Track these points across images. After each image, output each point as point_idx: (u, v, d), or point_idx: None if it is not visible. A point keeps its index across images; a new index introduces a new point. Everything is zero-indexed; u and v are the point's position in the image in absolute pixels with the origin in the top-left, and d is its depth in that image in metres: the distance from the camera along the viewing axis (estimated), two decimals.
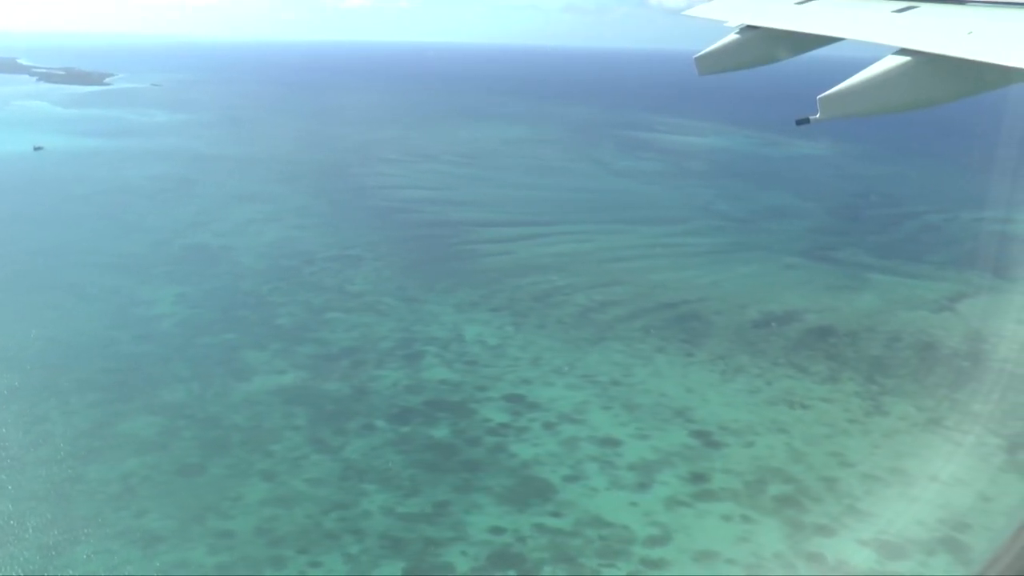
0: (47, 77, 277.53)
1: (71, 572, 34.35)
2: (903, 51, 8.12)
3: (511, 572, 34.17)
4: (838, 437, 45.32)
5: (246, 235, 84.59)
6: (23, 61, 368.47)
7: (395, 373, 52.76)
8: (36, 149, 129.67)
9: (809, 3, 11.07)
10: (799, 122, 8.67)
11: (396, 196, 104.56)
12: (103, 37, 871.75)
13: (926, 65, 7.89)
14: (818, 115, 8.20)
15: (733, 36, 11.55)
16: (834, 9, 10.68)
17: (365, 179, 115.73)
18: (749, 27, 11.36)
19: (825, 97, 8.12)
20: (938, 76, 7.89)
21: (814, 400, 49.65)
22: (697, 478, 40.75)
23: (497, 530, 36.84)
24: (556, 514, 37.85)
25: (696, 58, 11.70)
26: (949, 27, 8.22)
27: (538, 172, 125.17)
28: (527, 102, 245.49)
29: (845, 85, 8.15)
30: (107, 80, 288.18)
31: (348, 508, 38.79)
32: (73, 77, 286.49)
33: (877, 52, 8.39)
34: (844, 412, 48.31)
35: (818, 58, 11.67)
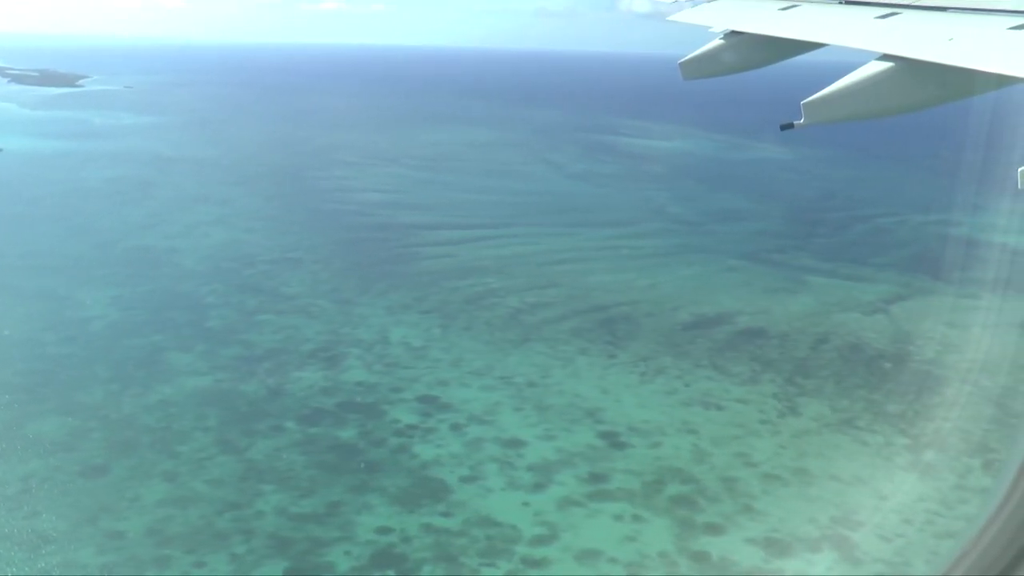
0: (20, 78, 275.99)
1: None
2: (885, 57, 8.23)
3: (390, 572, 34.16)
4: (747, 438, 45.48)
5: (193, 237, 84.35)
6: None
7: (314, 375, 52.68)
8: None
9: (793, 9, 11.22)
10: (783, 127, 8.79)
11: (349, 199, 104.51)
12: (80, 38, 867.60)
13: (908, 71, 8.00)
14: (802, 120, 8.33)
15: (718, 41, 11.66)
16: (818, 15, 10.85)
17: (321, 182, 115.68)
18: (734, 32, 11.45)
19: (809, 102, 8.25)
20: (920, 81, 8.01)
21: (729, 401, 49.83)
22: (596, 478, 40.82)
23: (384, 530, 36.81)
24: (446, 514, 37.85)
25: (680, 63, 11.81)
26: (930, 33, 8.37)
27: (495, 175, 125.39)
28: (496, 105, 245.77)
29: (829, 90, 8.25)
30: (80, 82, 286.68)
31: (242, 508, 38.68)
32: (47, 79, 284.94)
33: (861, 58, 8.53)
34: (758, 413, 48.50)
35: (802, 63, 11.88)
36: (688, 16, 12.99)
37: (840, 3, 10.73)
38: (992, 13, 8.26)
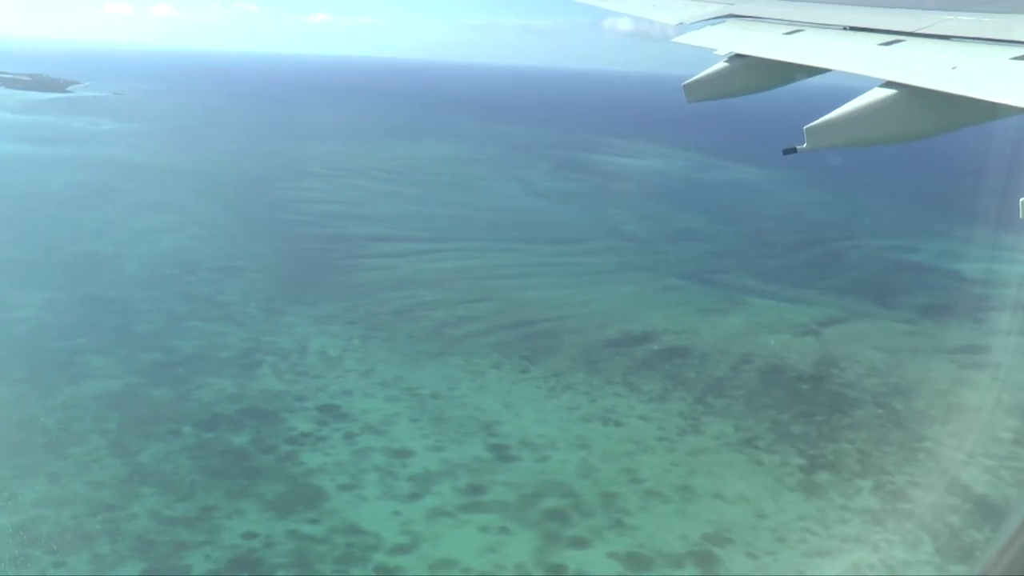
0: (11, 83, 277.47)
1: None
2: (889, 84, 8.24)
3: (243, 575, 34.17)
4: (639, 455, 45.52)
5: (141, 244, 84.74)
6: None
7: (224, 381, 52.85)
8: None
9: (797, 34, 11.21)
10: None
11: (307, 210, 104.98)
12: (75, 44, 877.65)
13: (911, 98, 8.01)
14: (805, 145, 8.28)
15: (722, 64, 11.65)
16: (822, 40, 10.82)
17: (284, 192, 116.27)
18: (738, 55, 11.46)
19: (812, 127, 8.21)
20: (922, 109, 8.01)
21: (631, 418, 49.90)
22: (474, 490, 40.89)
23: (250, 535, 36.89)
24: (315, 521, 37.93)
25: (684, 85, 11.79)
26: (934, 61, 8.38)
27: (458, 190, 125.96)
28: (476, 120, 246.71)
29: (832, 116, 8.25)
30: (70, 87, 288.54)
31: (116, 510, 38.78)
32: (38, 83, 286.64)
33: (865, 84, 8.54)
34: (658, 430, 48.56)
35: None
36: (692, 38, 12.96)
37: (844, 29, 10.78)
38: (995, 43, 8.27)
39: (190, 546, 36.16)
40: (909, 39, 9.37)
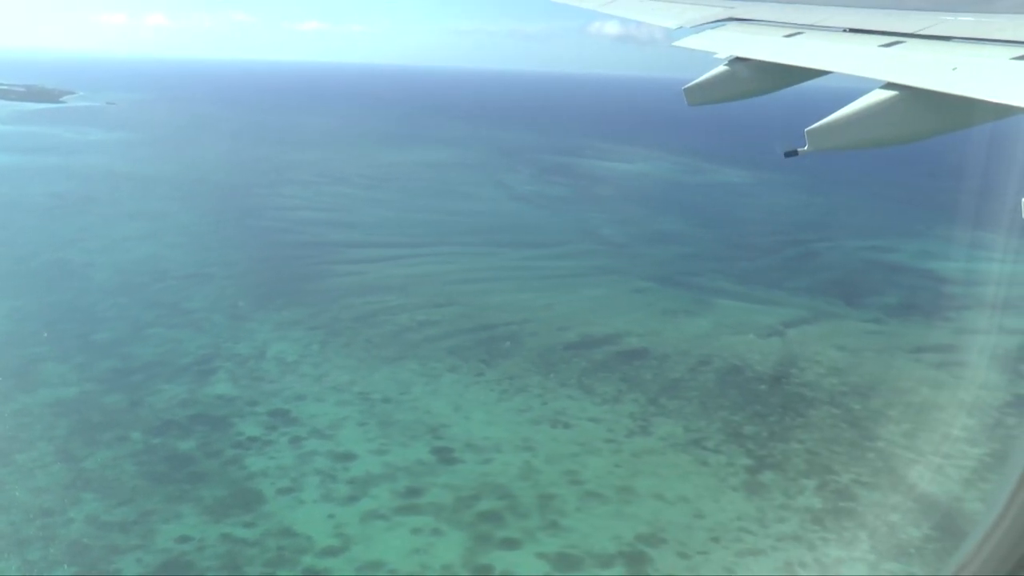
0: (5, 93, 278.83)
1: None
2: (889, 85, 8.28)
3: None
4: (584, 456, 45.59)
5: (115, 252, 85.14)
6: None
7: (179, 387, 53.07)
8: None
9: (798, 36, 11.27)
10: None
11: (285, 217, 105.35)
12: (73, 54, 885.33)
13: (911, 100, 8.06)
14: (806, 147, 8.35)
15: (722, 68, 11.72)
16: (823, 42, 10.89)
17: (264, 199, 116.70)
18: (738, 59, 11.51)
19: (813, 130, 8.27)
20: (923, 111, 8.06)
21: (581, 420, 49.97)
22: (412, 492, 41.02)
23: (184, 539, 37.04)
24: (250, 524, 38.08)
25: (685, 89, 11.85)
26: (934, 62, 8.41)
27: (439, 195, 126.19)
28: (466, 125, 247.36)
29: (833, 118, 8.29)
30: (64, 98, 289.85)
31: (54, 516, 38.97)
32: (32, 94, 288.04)
33: (866, 85, 8.60)
34: (606, 432, 48.62)
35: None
36: (693, 42, 13.05)
37: (845, 31, 10.82)
38: (995, 43, 8.31)
39: (123, 550, 36.31)
40: (909, 40, 9.39)
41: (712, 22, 13.36)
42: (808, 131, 8.26)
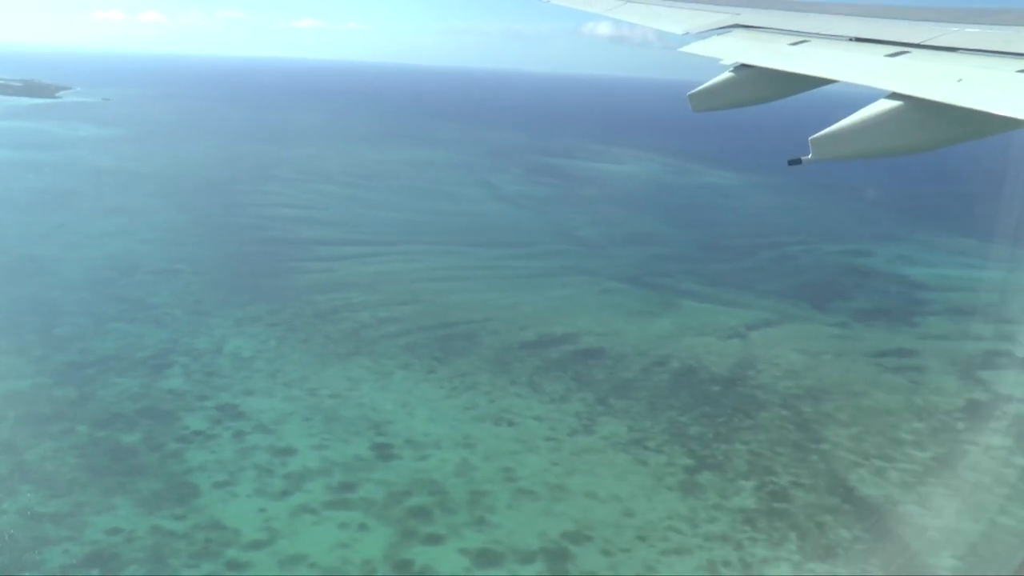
0: (2, 88, 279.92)
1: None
2: (895, 95, 8.29)
3: (95, 571, 34.68)
4: (523, 454, 45.89)
5: (87, 248, 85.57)
6: None
7: (131, 381, 53.44)
8: None
9: (803, 44, 11.31)
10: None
11: (263, 214, 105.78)
12: (71, 50, 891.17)
13: (916, 110, 8.07)
14: (810, 156, 8.38)
15: (728, 74, 11.77)
16: (828, 51, 10.90)
17: (245, 196, 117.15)
18: (744, 66, 11.55)
19: (817, 138, 8.31)
20: (928, 121, 8.06)
21: (526, 418, 50.27)
22: (345, 488, 41.36)
23: (114, 531, 37.39)
24: (180, 517, 38.43)
25: (690, 95, 11.91)
26: (940, 73, 8.43)
27: (421, 195, 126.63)
28: (458, 125, 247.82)
29: (837, 127, 8.33)
30: (60, 93, 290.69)
31: None
32: (29, 89, 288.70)
33: (871, 95, 8.63)
34: (549, 431, 48.91)
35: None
36: (699, 48, 13.04)
37: (851, 40, 10.82)
38: (1001, 55, 8.31)
39: (52, 542, 36.66)
40: (915, 51, 9.38)
41: (718, 29, 13.43)
42: (812, 140, 8.32)
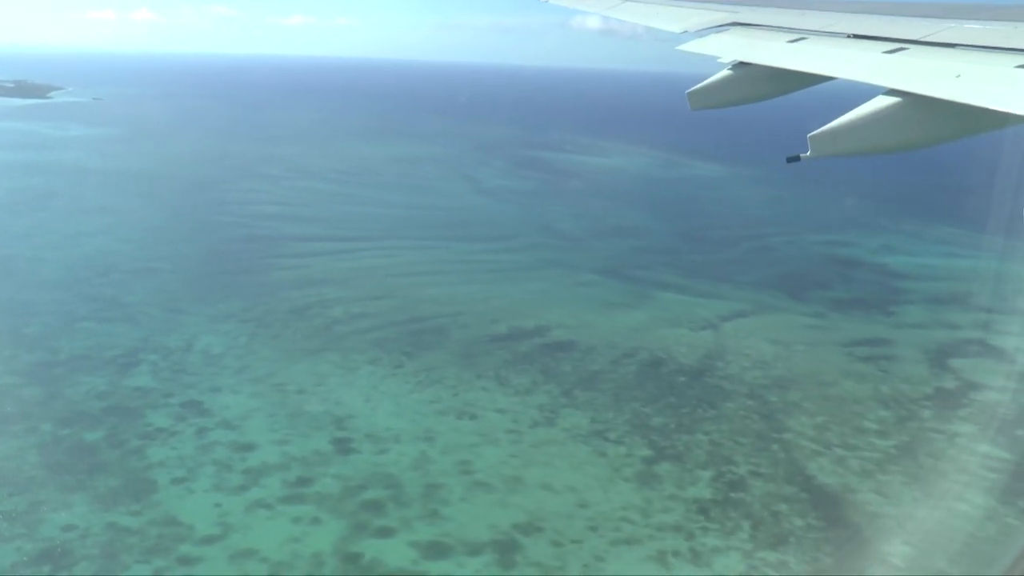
0: None
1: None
2: (893, 92, 8.33)
3: (45, 568, 34.98)
4: (482, 447, 46.16)
5: (64, 247, 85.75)
6: None
7: (99, 380, 53.71)
8: None
9: (801, 41, 11.33)
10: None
11: (244, 211, 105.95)
12: (64, 50, 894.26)
13: (915, 106, 8.10)
14: (809, 153, 8.41)
15: (726, 72, 11.79)
16: (826, 48, 10.90)
17: (228, 194, 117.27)
18: (742, 64, 11.58)
19: (816, 135, 8.34)
20: (927, 118, 8.10)
21: (489, 411, 50.54)
22: (302, 482, 41.67)
23: (69, 528, 37.69)
24: (136, 513, 38.73)
25: (688, 93, 11.94)
26: (938, 69, 8.43)
27: (404, 190, 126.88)
28: (447, 119, 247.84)
29: (835, 124, 8.36)
30: (52, 93, 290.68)
31: None
32: (21, 89, 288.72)
33: (870, 92, 8.65)
34: (511, 423, 49.19)
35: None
36: (696, 46, 13.09)
37: (849, 37, 10.83)
38: (1000, 51, 8.33)
39: (5, 539, 36.95)
40: (913, 47, 9.40)
41: (716, 27, 13.45)
42: (811, 137, 8.35)
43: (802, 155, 8.48)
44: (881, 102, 8.32)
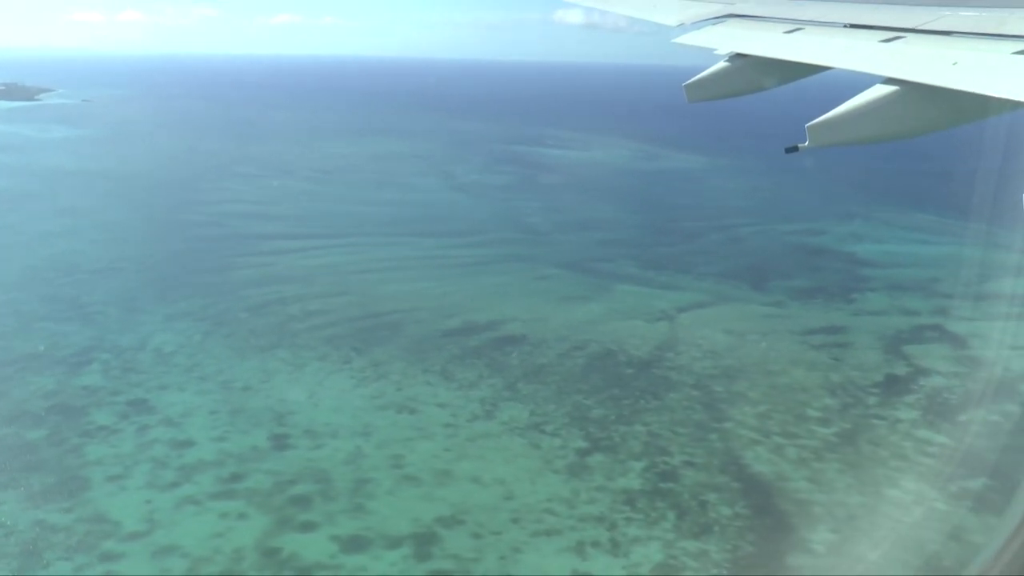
0: None
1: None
2: (890, 80, 8.36)
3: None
4: (417, 441, 46.65)
5: (32, 248, 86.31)
6: None
7: (47, 379, 54.25)
8: None
9: (798, 32, 11.39)
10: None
11: (215, 210, 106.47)
12: (53, 52, 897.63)
13: (912, 95, 8.13)
14: (807, 143, 8.45)
15: (723, 64, 11.83)
16: (822, 38, 10.97)
17: (201, 194, 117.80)
18: (739, 55, 11.63)
19: (814, 125, 8.39)
20: (924, 106, 8.12)
21: (429, 405, 51.01)
22: (234, 478, 42.20)
23: None
24: (66, 510, 39.28)
25: (685, 85, 11.99)
26: (935, 57, 8.50)
27: (379, 187, 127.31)
28: (430, 116, 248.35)
29: (833, 113, 8.40)
30: (40, 95, 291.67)
31: None
32: (10, 92, 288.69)
33: (867, 81, 8.70)
34: (450, 417, 49.66)
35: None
36: (693, 38, 13.12)
37: (845, 26, 10.88)
38: (996, 38, 8.34)
39: None
40: (910, 35, 9.47)
41: (712, 18, 13.49)
42: (809, 127, 8.40)
43: (800, 145, 8.56)
44: (878, 91, 8.38)
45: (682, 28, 13.81)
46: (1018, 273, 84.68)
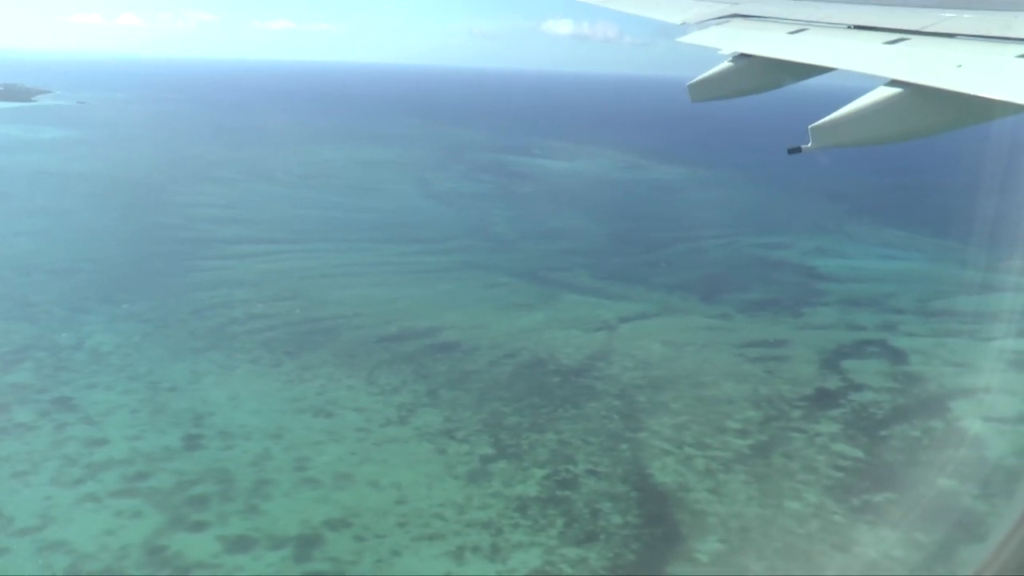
0: None
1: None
2: (894, 82, 8.37)
3: None
4: (326, 444, 47.54)
5: None
6: None
7: None
8: None
9: (802, 32, 11.43)
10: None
11: (185, 213, 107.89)
12: (52, 54, 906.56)
13: (916, 97, 8.14)
14: (810, 144, 8.52)
15: (727, 64, 11.91)
16: (827, 39, 10.99)
17: (176, 197, 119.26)
18: (742, 55, 11.71)
19: (817, 127, 8.45)
20: (927, 108, 8.13)
21: (347, 410, 51.92)
22: (139, 477, 43.19)
23: None
24: None
25: (689, 85, 12.10)
26: (939, 59, 8.53)
27: (353, 192, 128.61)
28: (417, 122, 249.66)
29: (837, 115, 8.45)
30: (36, 97, 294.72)
31: None
32: (8, 93, 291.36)
33: (871, 83, 8.76)
34: (364, 421, 50.55)
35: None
36: (697, 38, 13.18)
37: (849, 28, 10.93)
38: (1001, 41, 8.37)
39: None
40: (914, 37, 9.50)
41: (716, 18, 13.59)
42: (812, 128, 8.48)
43: (803, 146, 8.61)
44: (882, 93, 8.42)
45: (685, 27, 14.05)
46: (974, 290, 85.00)
